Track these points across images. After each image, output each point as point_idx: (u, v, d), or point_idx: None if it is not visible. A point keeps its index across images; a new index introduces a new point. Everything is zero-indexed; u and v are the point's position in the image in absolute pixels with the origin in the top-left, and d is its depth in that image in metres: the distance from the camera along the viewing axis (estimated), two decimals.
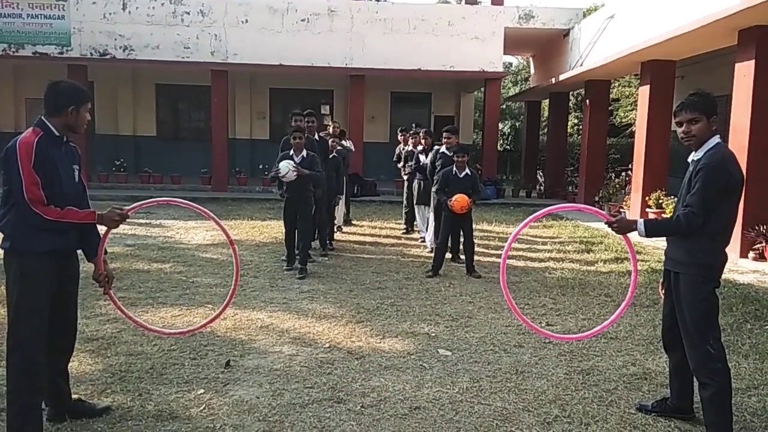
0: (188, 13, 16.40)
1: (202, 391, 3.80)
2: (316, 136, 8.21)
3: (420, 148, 9.38)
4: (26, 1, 16.05)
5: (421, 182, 9.06)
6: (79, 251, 3.35)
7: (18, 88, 19.03)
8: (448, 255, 7.84)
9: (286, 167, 6.86)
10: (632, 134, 17.56)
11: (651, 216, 10.81)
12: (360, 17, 16.62)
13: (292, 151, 7.13)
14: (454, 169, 7.40)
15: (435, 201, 8.10)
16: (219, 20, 16.43)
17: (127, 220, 3.30)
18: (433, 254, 7.57)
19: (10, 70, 18.58)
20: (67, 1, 16.13)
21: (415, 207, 9.58)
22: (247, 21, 16.46)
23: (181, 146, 19.45)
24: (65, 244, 3.19)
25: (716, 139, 3.22)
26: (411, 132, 10.56)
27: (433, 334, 5.03)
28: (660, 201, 10.98)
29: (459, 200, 7.08)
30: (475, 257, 7.54)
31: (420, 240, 9.51)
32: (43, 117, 3.14)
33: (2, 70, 18.34)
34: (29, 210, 2.97)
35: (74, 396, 3.48)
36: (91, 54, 16.40)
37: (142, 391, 3.75)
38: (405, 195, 10.41)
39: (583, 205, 4.36)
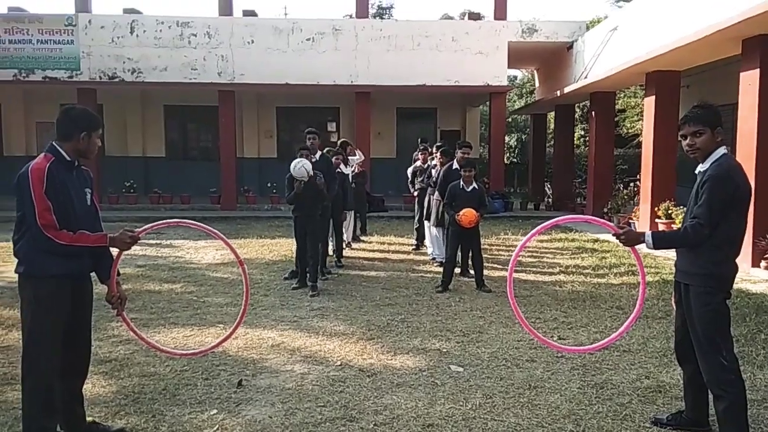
0: (195, 35, 16.63)
1: (215, 411, 3.80)
2: (318, 155, 8.11)
3: (434, 163, 9.29)
4: (36, 27, 16.36)
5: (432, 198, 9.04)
6: (92, 274, 3.38)
7: (28, 112, 19.32)
8: (457, 270, 7.83)
9: (299, 165, 6.87)
10: (639, 145, 17.52)
11: (661, 227, 10.76)
12: (364, 35, 16.79)
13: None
14: (461, 183, 7.42)
15: (442, 215, 8.09)
16: (225, 41, 16.65)
17: (138, 241, 3.34)
18: (442, 269, 7.57)
19: (21, 94, 18.89)
20: (76, 26, 16.42)
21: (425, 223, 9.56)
22: (252, 41, 16.67)
23: (190, 166, 19.61)
24: (78, 267, 3.23)
25: (722, 150, 3.22)
26: (420, 148, 10.55)
27: (445, 350, 5.02)
28: (669, 211, 10.93)
29: (467, 215, 7.09)
30: (485, 271, 7.53)
31: (431, 260, 9.45)
32: (54, 142, 3.19)
33: (13, 94, 18.67)
34: (42, 235, 3.01)
35: (89, 419, 3.49)
36: (100, 77, 16.64)
37: (155, 413, 3.76)
38: (416, 210, 10.40)
39: (590, 217, 4.35)
